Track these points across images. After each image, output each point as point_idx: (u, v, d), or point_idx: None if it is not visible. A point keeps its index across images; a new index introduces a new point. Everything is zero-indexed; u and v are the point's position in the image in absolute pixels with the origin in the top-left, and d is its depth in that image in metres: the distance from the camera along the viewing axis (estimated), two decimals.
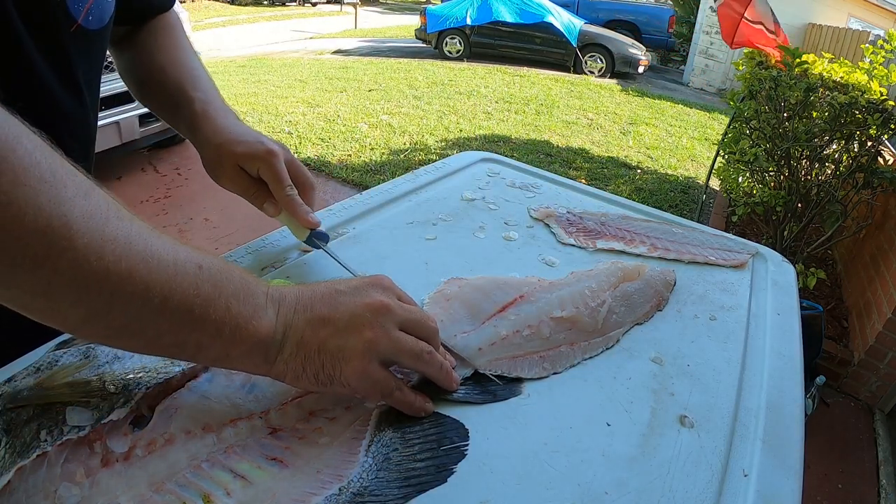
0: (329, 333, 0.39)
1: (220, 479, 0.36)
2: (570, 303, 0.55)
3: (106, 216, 0.32)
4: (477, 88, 6.47)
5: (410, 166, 3.88)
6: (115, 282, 0.32)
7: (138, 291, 0.33)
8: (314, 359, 0.39)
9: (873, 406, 2.23)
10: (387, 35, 11.15)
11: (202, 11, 12.45)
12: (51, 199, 0.29)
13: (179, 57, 0.65)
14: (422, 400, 0.43)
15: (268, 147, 0.57)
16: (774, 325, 0.61)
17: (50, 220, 0.29)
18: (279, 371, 0.39)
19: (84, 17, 0.49)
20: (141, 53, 0.65)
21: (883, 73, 2.36)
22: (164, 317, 0.34)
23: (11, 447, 0.35)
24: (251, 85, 5.96)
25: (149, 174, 3.54)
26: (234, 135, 0.58)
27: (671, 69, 10.08)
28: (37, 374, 0.40)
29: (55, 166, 0.30)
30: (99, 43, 0.54)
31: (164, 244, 0.35)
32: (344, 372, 0.39)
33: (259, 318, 0.38)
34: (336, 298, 0.41)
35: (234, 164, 0.57)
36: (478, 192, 0.82)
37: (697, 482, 0.41)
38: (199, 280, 0.35)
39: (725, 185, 3.09)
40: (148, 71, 0.64)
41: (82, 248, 0.30)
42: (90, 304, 0.32)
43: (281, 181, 0.57)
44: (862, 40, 6.12)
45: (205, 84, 0.64)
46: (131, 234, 0.33)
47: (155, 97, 0.65)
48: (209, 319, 0.35)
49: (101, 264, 0.31)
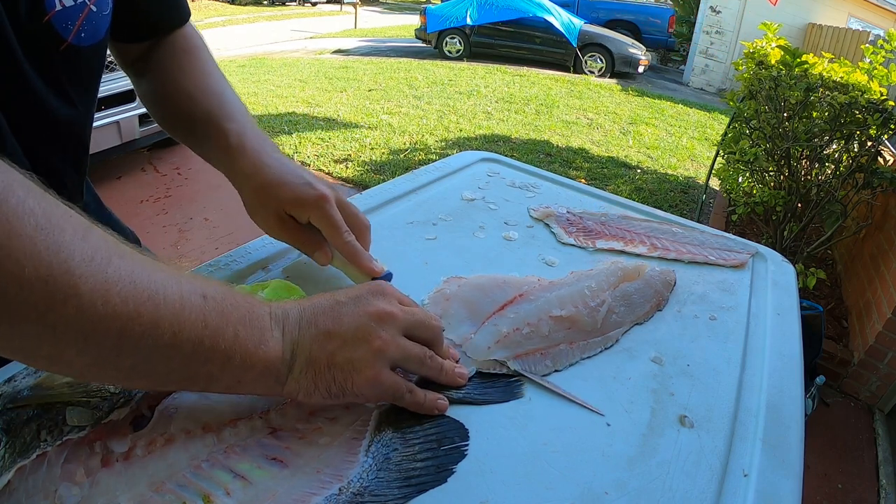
0: (336, 347, 0.39)
1: (220, 479, 0.36)
2: (569, 302, 0.55)
3: (107, 256, 0.31)
4: (477, 88, 6.47)
5: (410, 166, 3.88)
6: (124, 323, 0.31)
7: (147, 331, 0.32)
8: (325, 374, 0.39)
9: (873, 406, 2.23)
10: (387, 35, 11.15)
11: (202, 11, 12.45)
12: (49, 247, 0.28)
13: (208, 83, 0.60)
14: (433, 398, 0.43)
15: (319, 192, 0.52)
16: (774, 325, 0.61)
17: (50, 268, 0.28)
18: (291, 389, 0.39)
19: (75, 36, 0.47)
20: (163, 79, 0.60)
21: (883, 73, 2.36)
22: (174, 353, 0.33)
23: (11, 447, 0.35)
24: (251, 85, 5.96)
25: (149, 174, 3.54)
26: (278, 175, 0.53)
27: (671, 69, 10.08)
28: (37, 374, 0.40)
29: (50, 211, 0.30)
30: (95, 58, 0.52)
31: (167, 277, 0.34)
32: (356, 383, 0.39)
33: (267, 341, 0.37)
34: (338, 311, 0.41)
35: (279, 211, 0.52)
36: (478, 192, 0.82)
37: (697, 482, 0.41)
38: (206, 311, 0.35)
39: (725, 185, 3.09)
40: (173, 99, 0.59)
41: (87, 293, 0.30)
42: (99, 349, 0.31)
43: (338, 228, 0.52)
44: (862, 40, 6.12)
45: (239, 113, 0.58)
46: (135, 272, 0.32)
47: (183, 128, 0.59)
48: (219, 350, 0.35)
49: (108, 308, 0.30)
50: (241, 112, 0.58)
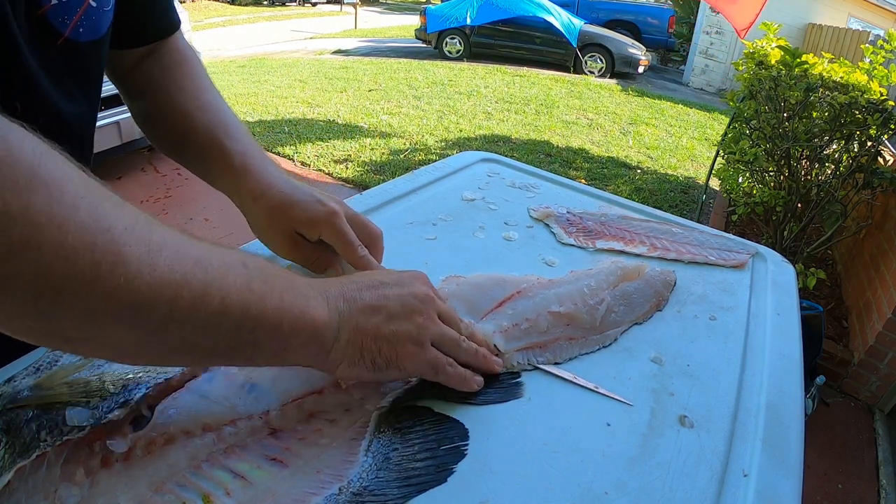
0: (382, 320, 0.41)
1: (220, 479, 0.36)
2: (568, 299, 0.55)
3: (147, 225, 0.30)
4: (477, 88, 6.47)
5: (410, 166, 3.88)
6: (174, 292, 0.30)
7: (197, 297, 0.31)
8: (370, 345, 0.40)
9: (873, 406, 2.23)
10: (387, 35, 11.15)
11: (202, 11, 12.45)
12: (91, 214, 0.27)
13: (204, 100, 0.58)
14: (471, 374, 0.45)
15: (329, 208, 0.52)
16: (774, 325, 0.61)
17: (94, 235, 0.27)
18: (335, 359, 0.39)
19: (73, 30, 0.46)
20: (157, 96, 0.58)
21: (883, 73, 2.36)
22: (223, 320, 0.33)
23: (11, 447, 0.35)
24: (251, 85, 5.97)
25: (149, 174, 3.54)
26: (287, 195, 0.52)
27: (671, 69, 10.08)
28: (36, 374, 0.40)
29: (86, 179, 0.28)
30: (95, 55, 0.51)
31: (205, 247, 0.33)
32: (400, 354, 0.41)
33: (315, 307, 0.38)
34: (382, 290, 0.43)
35: (289, 231, 0.52)
36: (478, 192, 0.82)
37: (697, 482, 0.41)
38: (250, 277, 0.34)
39: (725, 185, 3.09)
40: (170, 119, 0.57)
41: (134, 261, 0.28)
42: (148, 323, 0.29)
43: (351, 244, 0.51)
44: (862, 40, 6.13)
45: (239, 132, 0.57)
46: (176, 240, 0.31)
47: (183, 151, 0.58)
48: (267, 315, 0.35)
49: (156, 275, 0.29)
50: (242, 131, 0.58)
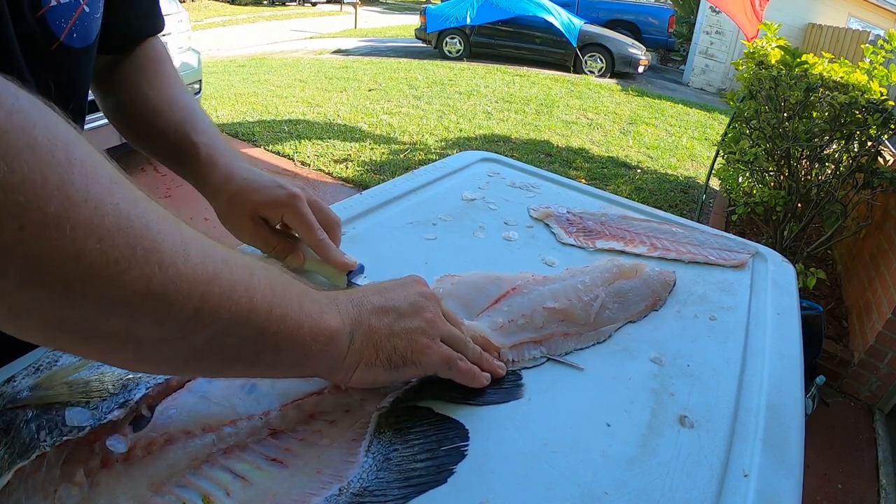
0: (393, 319, 0.42)
1: (220, 479, 0.36)
2: (563, 295, 0.56)
3: (174, 219, 0.29)
4: (477, 88, 6.47)
5: (410, 166, 3.88)
6: (205, 286, 0.29)
7: (226, 293, 0.30)
8: (385, 343, 0.41)
9: (873, 406, 2.23)
10: (387, 35, 11.15)
11: (202, 11, 12.45)
12: (126, 198, 0.26)
13: (173, 95, 0.59)
14: (479, 370, 0.46)
15: (289, 190, 0.53)
16: (774, 325, 0.61)
17: (130, 219, 0.26)
18: (352, 363, 0.40)
19: (67, 35, 0.46)
20: (129, 92, 0.59)
21: (883, 73, 2.36)
22: (250, 320, 0.32)
23: (11, 447, 0.35)
24: (251, 85, 5.96)
25: (149, 174, 3.54)
26: (249, 181, 0.54)
27: (671, 69, 10.08)
28: (36, 374, 0.40)
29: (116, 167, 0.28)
30: (85, 62, 0.51)
31: (226, 247, 0.33)
32: (415, 350, 0.42)
33: (329, 311, 0.38)
34: (387, 293, 0.44)
35: (252, 214, 0.53)
36: (478, 192, 0.82)
37: (697, 482, 0.41)
38: (272, 281, 0.34)
39: (725, 185, 3.09)
40: (140, 115, 0.58)
41: (168, 249, 0.27)
42: (177, 318, 0.28)
43: (311, 226, 0.53)
44: (862, 40, 6.13)
45: (205, 125, 0.58)
46: (202, 238, 0.31)
47: (153, 144, 0.59)
48: (289, 317, 0.34)
49: (188, 266, 0.28)
50: (209, 125, 0.59)
